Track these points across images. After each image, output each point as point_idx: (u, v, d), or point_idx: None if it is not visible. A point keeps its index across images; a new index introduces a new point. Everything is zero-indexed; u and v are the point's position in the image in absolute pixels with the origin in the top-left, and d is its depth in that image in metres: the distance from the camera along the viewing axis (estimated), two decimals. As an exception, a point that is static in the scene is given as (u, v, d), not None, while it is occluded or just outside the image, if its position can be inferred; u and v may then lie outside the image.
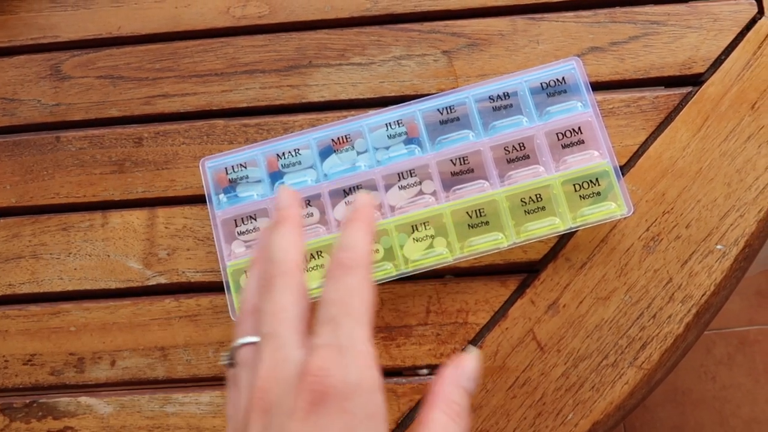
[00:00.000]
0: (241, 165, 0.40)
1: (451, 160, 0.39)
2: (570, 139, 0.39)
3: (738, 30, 0.42)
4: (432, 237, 0.39)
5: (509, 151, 0.39)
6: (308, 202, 0.40)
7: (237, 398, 0.27)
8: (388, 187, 0.39)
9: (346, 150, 0.40)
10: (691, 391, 1.04)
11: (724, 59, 0.42)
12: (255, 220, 0.39)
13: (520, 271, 0.40)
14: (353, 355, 0.24)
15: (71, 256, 0.42)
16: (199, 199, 0.42)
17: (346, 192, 0.39)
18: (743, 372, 1.05)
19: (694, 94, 0.41)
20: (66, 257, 0.42)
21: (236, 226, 0.39)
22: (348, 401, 0.23)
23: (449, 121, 0.40)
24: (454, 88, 0.42)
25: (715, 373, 1.05)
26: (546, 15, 0.43)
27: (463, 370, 0.27)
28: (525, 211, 0.38)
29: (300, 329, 0.26)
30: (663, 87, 0.42)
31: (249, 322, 0.28)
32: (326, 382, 0.23)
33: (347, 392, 0.23)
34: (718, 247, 0.39)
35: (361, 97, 0.43)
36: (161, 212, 0.42)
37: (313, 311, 0.27)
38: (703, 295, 0.38)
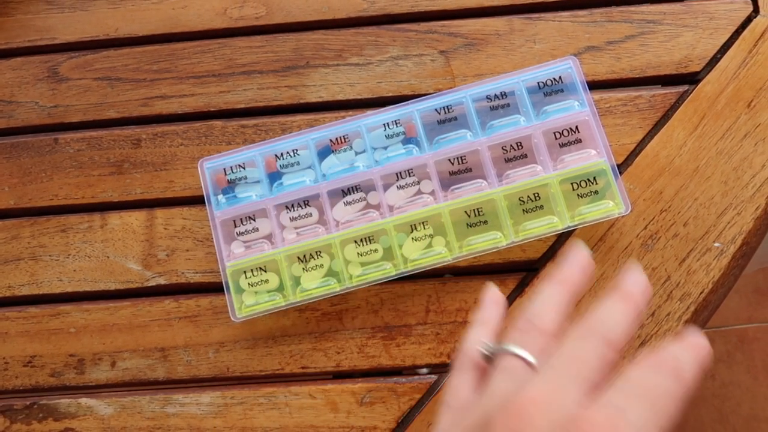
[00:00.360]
0: (239, 166, 0.40)
1: (449, 160, 0.39)
2: (567, 138, 0.39)
3: (733, 29, 0.42)
4: (431, 236, 0.39)
5: (507, 151, 0.39)
6: (307, 202, 0.40)
7: (480, 398, 0.25)
8: (386, 187, 0.40)
9: (345, 150, 0.40)
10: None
11: (720, 58, 0.42)
12: (254, 220, 0.40)
13: (519, 270, 0.40)
14: (562, 408, 0.22)
15: (70, 258, 0.42)
16: (197, 200, 0.42)
17: (345, 192, 0.40)
18: (743, 369, 1.05)
19: (691, 93, 0.41)
20: (65, 259, 0.42)
21: (235, 226, 0.39)
22: None
23: (447, 120, 0.40)
24: (451, 87, 0.42)
25: (714, 371, 1.05)
26: (542, 15, 0.44)
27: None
28: (523, 210, 0.38)
29: (585, 392, 0.23)
30: (659, 86, 0.42)
31: (536, 340, 0.26)
32: (524, 420, 0.21)
33: None
34: (716, 244, 0.39)
35: (359, 97, 0.43)
36: (160, 213, 0.42)
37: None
38: (701, 293, 0.38)
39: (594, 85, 0.42)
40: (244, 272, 0.39)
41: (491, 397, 0.24)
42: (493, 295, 0.30)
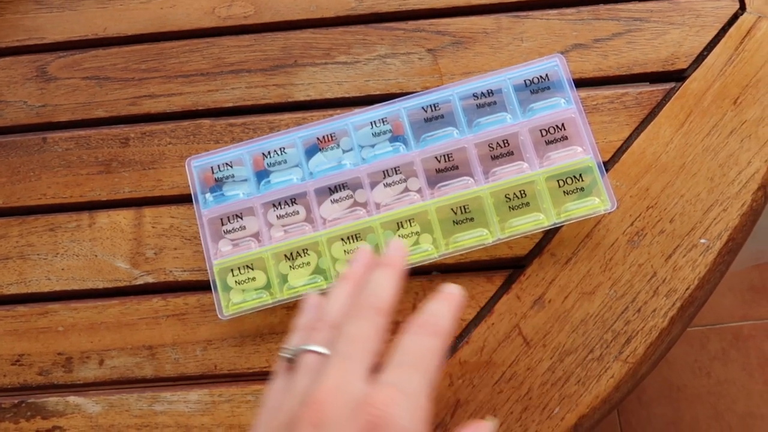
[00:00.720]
0: (227, 164, 0.40)
1: (436, 158, 0.40)
2: (554, 136, 0.39)
3: (720, 26, 0.42)
4: (418, 234, 0.39)
5: (493, 148, 0.40)
6: (294, 200, 0.40)
7: (285, 398, 0.27)
8: (373, 185, 0.40)
9: (332, 148, 0.40)
10: (687, 387, 1.04)
11: (707, 55, 0.42)
12: (241, 218, 0.40)
13: (506, 267, 0.40)
14: (413, 404, 0.25)
15: (59, 257, 0.42)
16: (185, 199, 0.42)
17: (332, 190, 0.40)
18: (738, 367, 1.05)
19: (677, 90, 0.42)
20: (53, 258, 0.42)
21: (222, 224, 0.40)
22: None
23: (434, 118, 0.40)
24: (439, 86, 0.42)
25: (709, 369, 1.05)
26: (530, 13, 0.44)
27: None
28: (509, 207, 0.39)
29: (371, 364, 0.27)
30: (646, 83, 0.42)
31: (325, 333, 0.29)
32: (384, 416, 0.24)
33: None
34: (702, 241, 0.39)
35: (347, 95, 0.43)
36: (148, 212, 0.42)
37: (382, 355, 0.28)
38: (687, 289, 0.39)
39: (581, 83, 0.42)
40: (232, 270, 0.39)
41: (294, 396, 0.27)
42: (312, 299, 0.33)
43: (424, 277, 0.40)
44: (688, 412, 1.03)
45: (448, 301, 0.30)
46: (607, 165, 0.41)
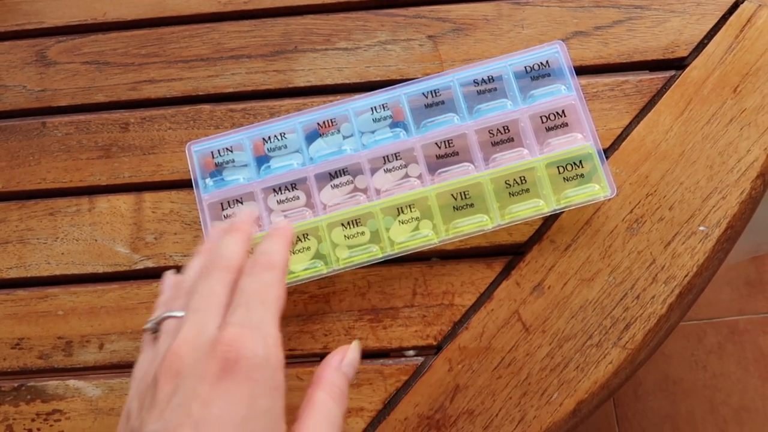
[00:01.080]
0: (227, 149, 0.40)
1: (436, 144, 0.40)
2: (554, 122, 0.39)
3: (720, 14, 0.42)
4: (418, 219, 0.39)
5: (494, 134, 0.40)
6: (294, 185, 0.40)
7: (148, 360, 0.29)
8: (373, 171, 0.40)
9: (332, 134, 0.40)
10: (682, 380, 1.05)
11: (707, 43, 0.42)
12: (241, 203, 0.40)
13: (506, 253, 0.40)
14: (263, 335, 0.27)
15: (58, 241, 0.42)
16: (185, 184, 0.42)
17: (332, 175, 0.40)
18: (733, 361, 1.06)
19: (677, 78, 0.42)
20: (53, 242, 0.42)
21: (223, 209, 0.40)
22: (255, 372, 0.26)
23: (434, 104, 0.40)
24: (439, 72, 0.42)
25: (705, 363, 1.06)
26: (530, 0, 0.44)
27: (345, 357, 0.31)
28: (509, 193, 0.39)
29: (222, 314, 0.28)
30: (646, 71, 0.42)
31: (182, 299, 0.31)
32: (237, 352, 0.26)
33: (255, 364, 0.26)
34: (701, 228, 0.39)
35: (347, 81, 0.43)
36: (148, 197, 0.42)
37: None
38: (686, 276, 0.39)
39: (581, 70, 0.42)
40: (232, 255, 0.39)
41: (157, 356, 0.28)
42: (169, 278, 0.35)
43: (423, 263, 0.40)
44: (683, 405, 1.03)
45: (276, 237, 0.32)
46: (607, 152, 0.41)
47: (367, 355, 0.39)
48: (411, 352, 0.39)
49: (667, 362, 1.05)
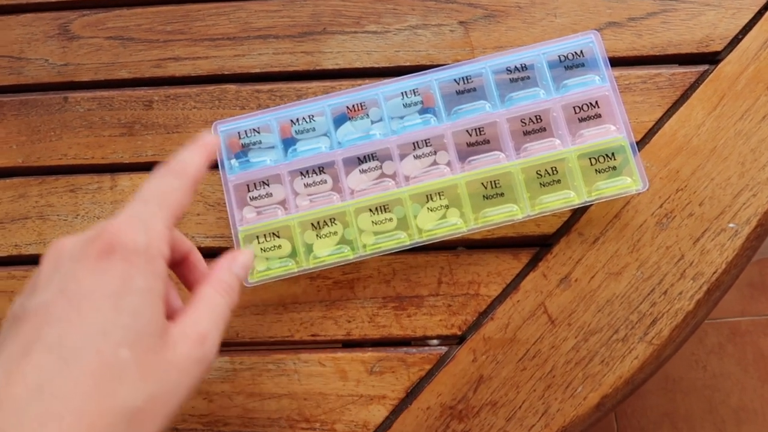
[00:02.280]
0: (254, 130, 0.40)
1: (467, 131, 0.39)
2: (587, 113, 0.39)
3: (756, 9, 0.42)
4: (446, 207, 0.38)
5: (525, 123, 0.39)
6: (321, 169, 0.39)
7: None
8: (402, 157, 0.39)
9: (361, 118, 0.40)
10: (682, 380, 1.05)
11: (742, 38, 0.42)
12: (267, 185, 0.39)
13: (533, 245, 0.40)
14: (148, 227, 0.27)
15: (79, 218, 0.41)
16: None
17: (361, 160, 0.39)
18: (733, 362, 1.06)
19: (711, 73, 0.41)
20: (73, 219, 0.41)
21: (249, 191, 0.39)
22: (133, 255, 0.26)
23: (466, 91, 0.40)
24: (469, 59, 0.41)
25: (706, 362, 1.06)
26: (565, -12, 0.43)
27: (236, 258, 0.31)
28: (540, 183, 0.38)
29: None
30: (680, 64, 0.42)
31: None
32: (117, 237, 0.26)
33: (133, 249, 0.26)
34: (731, 225, 0.39)
35: (376, 65, 0.42)
36: (171, 176, 0.41)
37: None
38: (714, 273, 0.38)
39: (614, 62, 0.41)
40: (257, 237, 0.38)
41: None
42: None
43: (449, 252, 0.40)
44: (682, 404, 1.03)
45: (197, 147, 0.31)
46: (638, 146, 0.40)
47: (390, 343, 0.39)
48: (435, 342, 0.39)
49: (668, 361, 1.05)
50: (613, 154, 0.38)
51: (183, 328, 0.27)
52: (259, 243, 0.38)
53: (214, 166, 0.41)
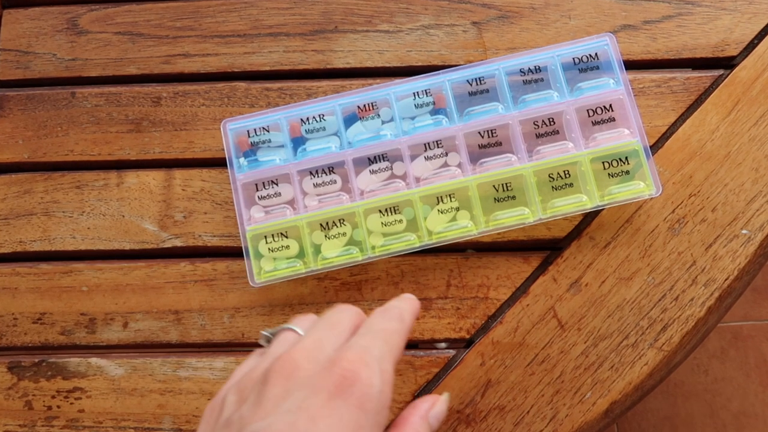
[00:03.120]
0: (263, 128, 0.39)
1: (479, 133, 0.39)
2: (600, 116, 0.38)
3: (773, 14, 0.41)
4: (456, 209, 0.38)
5: (538, 126, 0.39)
6: (331, 169, 0.39)
7: (256, 362, 0.28)
8: (413, 158, 0.39)
9: (372, 118, 0.39)
10: (684, 383, 1.05)
11: (758, 43, 0.41)
12: (276, 185, 0.39)
13: (543, 248, 0.39)
14: (381, 368, 0.26)
15: (84, 215, 0.41)
16: (217, 163, 0.41)
17: (371, 160, 0.39)
18: (735, 366, 1.05)
19: (726, 77, 0.41)
20: (79, 216, 0.41)
21: (257, 190, 0.39)
22: (367, 401, 0.25)
23: (478, 92, 0.39)
24: (482, 60, 0.41)
25: (707, 367, 1.05)
26: (579, -10, 0.43)
27: (433, 407, 0.30)
28: (552, 187, 0.38)
29: (340, 343, 0.28)
30: (694, 69, 0.41)
31: (308, 322, 0.31)
32: (355, 373, 0.25)
33: (369, 393, 0.25)
34: (744, 231, 0.39)
35: (388, 65, 0.42)
36: (178, 174, 0.41)
37: None
38: (726, 279, 0.38)
39: (628, 65, 0.41)
40: (265, 237, 0.38)
41: (267, 358, 0.28)
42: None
43: (459, 254, 0.39)
44: (683, 407, 1.03)
45: (408, 301, 0.31)
46: (651, 150, 0.40)
47: (398, 345, 0.39)
48: (443, 345, 0.39)
49: (670, 365, 1.05)
50: (626, 158, 0.38)
51: None
52: (266, 243, 0.38)
53: (223, 165, 0.41)
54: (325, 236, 0.38)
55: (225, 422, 0.26)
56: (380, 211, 0.38)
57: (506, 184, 0.38)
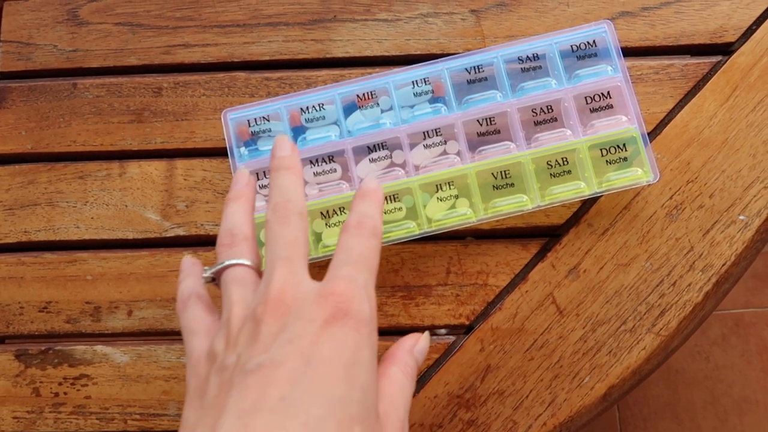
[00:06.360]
0: (263, 118, 0.39)
1: (478, 121, 0.39)
2: (598, 104, 0.39)
3: (771, -1, 0.41)
4: (456, 197, 0.38)
5: (536, 114, 0.39)
6: (331, 157, 0.39)
7: (226, 314, 0.28)
8: (412, 146, 0.39)
9: (371, 107, 0.40)
10: (685, 370, 1.05)
11: (756, 29, 0.41)
12: (277, 174, 0.39)
13: (542, 235, 0.40)
14: (369, 296, 0.27)
15: (88, 205, 0.41)
16: (218, 152, 0.42)
17: (370, 149, 0.39)
18: (737, 353, 1.06)
19: (724, 64, 0.41)
20: (83, 206, 0.41)
21: (258, 179, 0.39)
22: (362, 326, 0.26)
23: (476, 81, 0.39)
24: (481, 48, 0.41)
25: (709, 353, 1.06)
26: (577, -23, 0.43)
27: (417, 343, 0.32)
28: (551, 174, 0.38)
29: (306, 263, 0.28)
30: (692, 55, 0.41)
31: (246, 246, 0.30)
32: (348, 304, 0.26)
33: (362, 319, 0.26)
34: (741, 217, 0.39)
35: (386, 54, 0.42)
36: (180, 164, 0.42)
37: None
38: (723, 265, 0.38)
39: (626, 52, 0.41)
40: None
41: (239, 305, 0.27)
42: (188, 260, 0.33)
43: (458, 241, 0.40)
44: (684, 394, 1.04)
45: (372, 199, 0.31)
46: (649, 137, 0.40)
47: (398, 332, 0.39)
48: (443, 331, 0.39)
49: (671, 352, 1.05)
50: (624, 145, 0.38)
51: (385, 409, 0.27)
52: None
53: (224, 154, 0.41)
54: (326, 224, 0.38)
55: (219, 368, 0.25)
56: (380, 199, 0.38)
57: (505, 171, 0.38)
